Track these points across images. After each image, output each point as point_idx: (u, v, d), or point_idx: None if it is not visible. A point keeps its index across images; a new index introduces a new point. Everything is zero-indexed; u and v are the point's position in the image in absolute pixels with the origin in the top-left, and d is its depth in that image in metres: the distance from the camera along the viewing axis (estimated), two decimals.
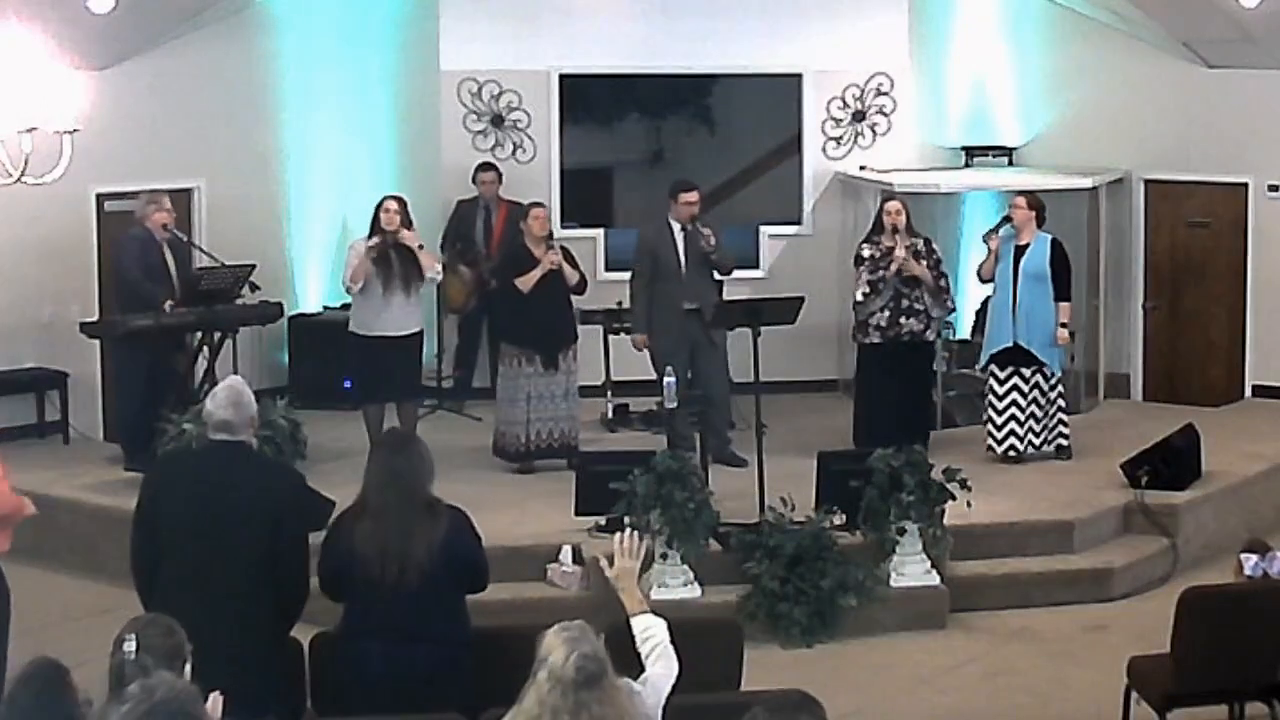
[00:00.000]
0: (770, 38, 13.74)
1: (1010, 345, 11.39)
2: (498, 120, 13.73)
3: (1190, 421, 11.31)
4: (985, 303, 13.36)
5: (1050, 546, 10.16)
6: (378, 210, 11.22)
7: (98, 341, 11.95)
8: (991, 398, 11.51)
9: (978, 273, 11.81)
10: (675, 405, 10.46)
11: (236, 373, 10.45)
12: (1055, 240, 11.51)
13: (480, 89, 13.71)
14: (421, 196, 13.18)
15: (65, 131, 6.88)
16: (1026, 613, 9.75)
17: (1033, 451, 11.42)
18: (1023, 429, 11.41)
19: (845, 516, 9.70)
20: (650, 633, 5.24)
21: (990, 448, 11.46)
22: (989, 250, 11.54)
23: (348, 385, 11.81)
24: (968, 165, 13.98)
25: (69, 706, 4.51)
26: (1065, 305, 11.43)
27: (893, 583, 9.56)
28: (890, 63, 13.94)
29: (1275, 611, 7.29)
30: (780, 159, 14.06)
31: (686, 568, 9.37)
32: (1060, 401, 11.55)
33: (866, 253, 11.53)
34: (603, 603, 9.08)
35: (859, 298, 11.48)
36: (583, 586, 9.55)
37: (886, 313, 11.42)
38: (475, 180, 13.21)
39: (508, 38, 13.65)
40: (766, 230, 13.93)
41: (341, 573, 6.40)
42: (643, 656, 5.21)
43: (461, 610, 6.50)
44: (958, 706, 8.53)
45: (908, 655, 9.19)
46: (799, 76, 13.89)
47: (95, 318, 11.99)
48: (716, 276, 11.69)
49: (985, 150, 13.99)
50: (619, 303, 12.46)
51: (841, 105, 13.96)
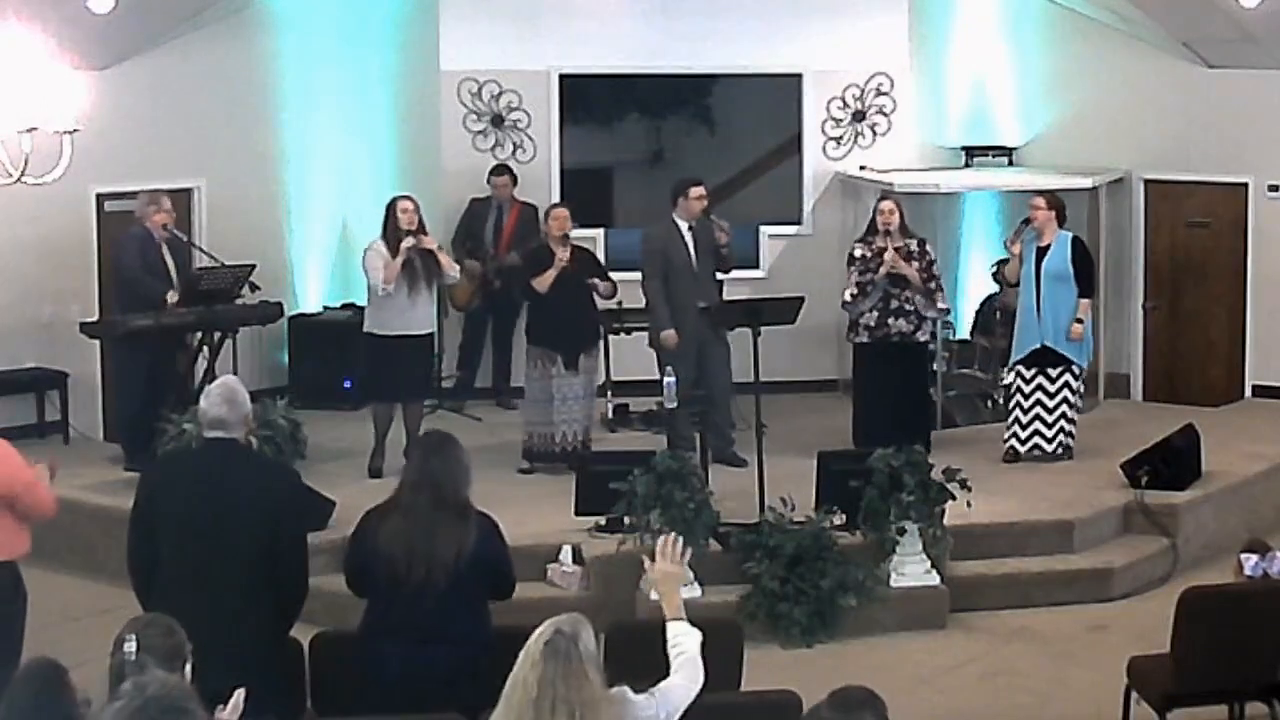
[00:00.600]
0: (770, 38, 13.74)
1: (1039, 347, 11.37)
2: (498, 120, 13.73)
3: (1190, 421, 11.31)
4: (985, 303, 13.41)
5: (1050, 546, 10.16)
6: (392, 211, 11.17)
7: (98, 341, 11.94)
8: (1019, 397, 11.46)
9: (996, 276, 11.77)
10: (675, 405, 10.46)
11: (236, 373, 10.48)
12: (1076, 238, 11.51)
13: (480, 89, 13.71)
14: (422, 197, 13.10)
15: (65, 131, 6.88)
16: (1026, 613, 9.75)
17: (1061, 451, 11.40)
18: (1049, 430, 11.39)
19: (845, 516, 9.70)
20: (680, 641, 5.20)
21: (1012, 448, 11.43)
22: (1012, 255, 11.50)
23: (348, 385, 11.81)
24: (968, 165, 13.97)
25: (67, 706, 4.51)
26: (1085, 302, 11.38)
27: (893, 583, 9.56)
28: (890, 63, 13.94)
29: (1275, 611, 7.29)
30: (780, 159, 14.06)
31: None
32: (1080, 401, 11.52)
33: (859, 252, 11.54)
34: (603, 603, 9.11)
35: (846, 298, 11.49)
36: (583, 586, 9.55)
37: (875, 313, 11.42)
38: (489, 182, 13.21)
39: (508, 38, 13.65)
40: (766, 230, 13.93)
41: (366, 570, 6.43)
42: (670, 663, 5.20)
43: (484, 612, 6.52)
44: (958, 706, 8.53)
45: (908, 655, 9.19)
46: (799, 76, 13.89)
47: (95, 318, 11.98)
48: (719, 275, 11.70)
49: (985, 150, 13.99)
50: (619, 302, 12.46)
51: (841, 105, 13.96)
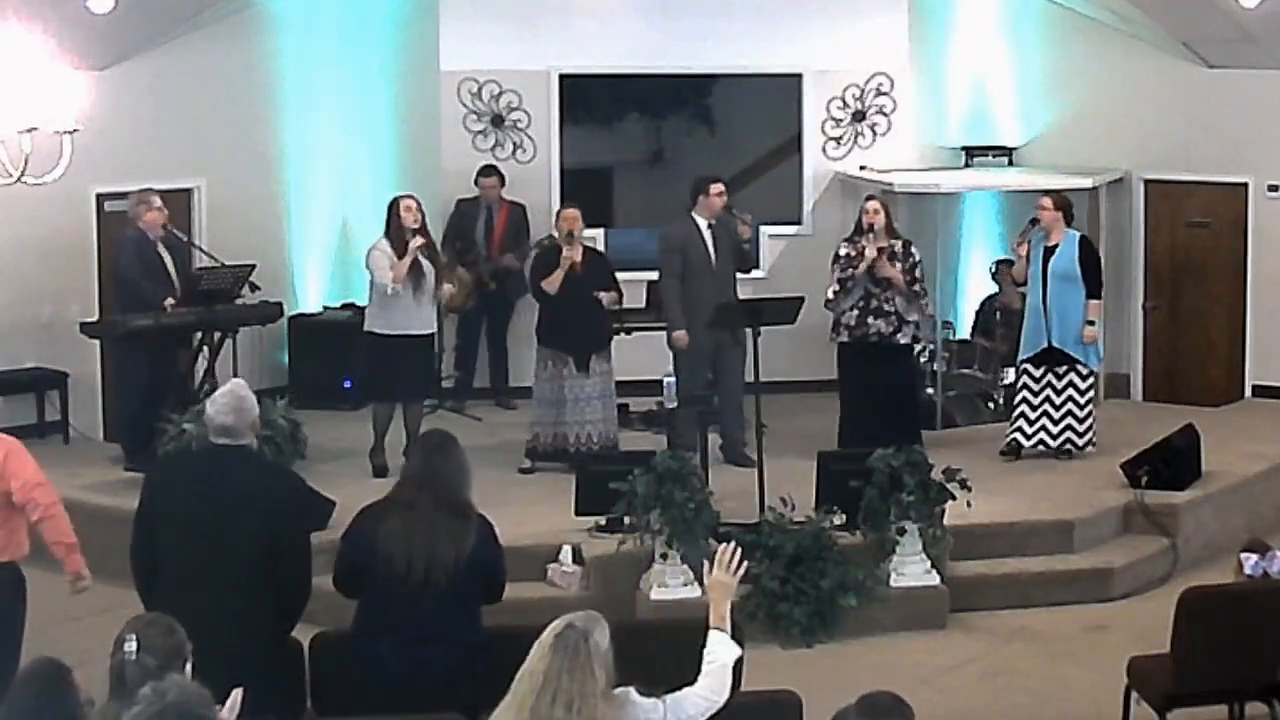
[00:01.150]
0: (770, 38, 13.73)
1: (1045, 347, 11.37)
2: (498, 120, 13.73)
3: (1190, 421, 11.31)
4: (985, 303, 13.41)
5: (1050, 546, 10.16)
6: (395, 210, 11.16)
7: (98, 341, 11.95)
8: (1026, 394, 11.46)
9: (995, 276, 11.77)
10: (675, 405, 10.45)
11: (236, 373, 10.49)
12: (1084, 237, 11.53)
13: (480, 89, 13.71)
14: (422, 196, 13.09)
15: (65, 131, 6.88)
16: (1026, 613, 9.75)
17: (1070, 448, 11.41)
18: (1057, 428, 11.40)
19: (845, 516, 9.70)
20: (714, 650, 5.19)
21: (1015, 441, 11.43)
22: (1019, 256, 11.50)
23: (348, 385, 11.81)
24: (968, 165, 13.97)
25: (70, 706, 4.52)
26: (1095, 303, 11.38)
27: (893, 583, 9.56)
28: (890, 63, 13.94)
29: (1275, 611, 7.29)
30: (780, 159, 14.06)
31: (686, 568, 9.37)
32: (1091, 406, 11.50)
33: (843, 251, 11.54)
34: (603, 603, 9.09)
35: (829, 295, 11.49)
36: (583, 586, 9.55)
37: (855, 312, 11.41)
38: (477, 183, 13.20)
39: (508, 38, 13.65)
40: (766, 230, 13.90)
41: (361, 569, 6.40)
42: (701, 668, 5.19)
43: (478, 614, 6.50)
44: (958, 706, 8.53)
45: (908, 655, 9.19)
46: (799, 76, 13.88)
47: (95, 318, 11.98)
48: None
49: (985, 150, 13.99)
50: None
51: (841, 105, 13.95)
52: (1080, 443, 11.46)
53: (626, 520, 9.38)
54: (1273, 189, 13.05)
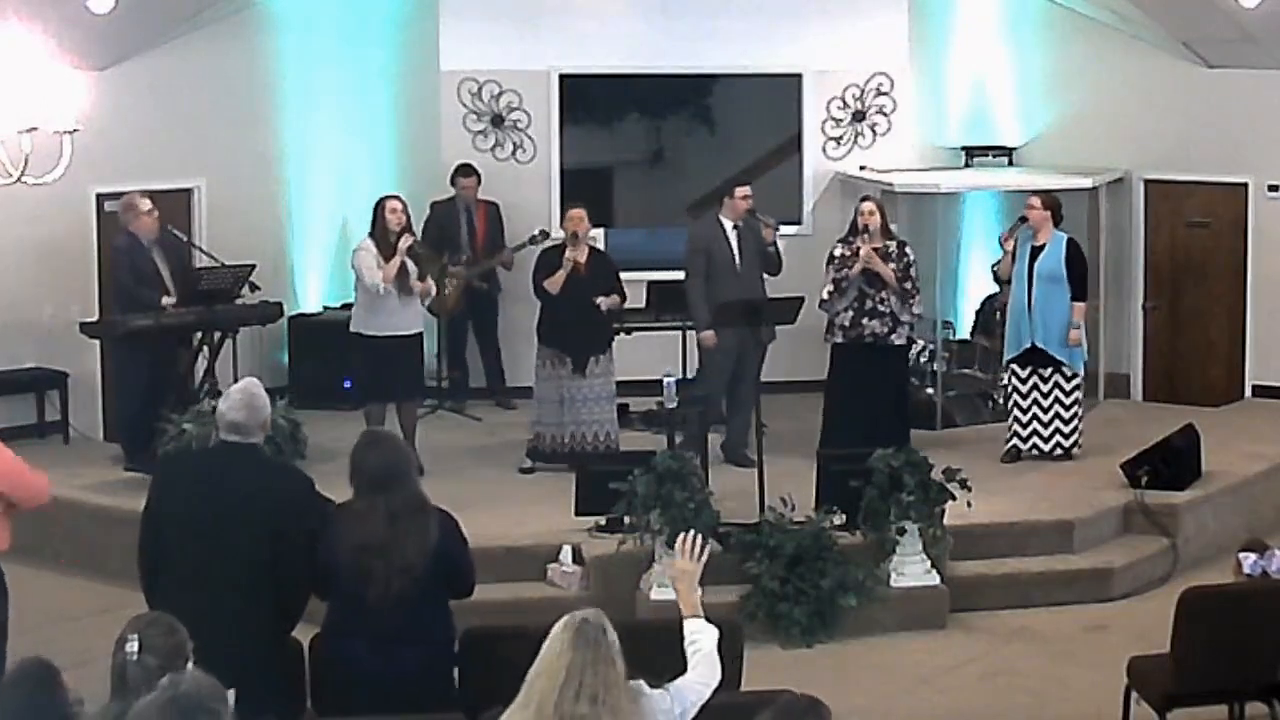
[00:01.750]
0: (770, 38, 13.73)
1: (1029, 347, 11.37)
2: (498, 120, 13.73)
3: (1190, 421, 11.31)
4: (985, 303, 13.40)
5: (1050, 546, 10.16)
6: (381, 210, 11.18)
7: (98, 341, 11.95)
8: (1016, 397, 11.47)
9: (993, 274, 11.76)
10: (675, 405, 10.46)
11: (236, 372, 10.49)
12: (1071, 239, 11.51)
13: (480, 89, 13.71)
14: (422, 197, 13.18)
15: (65, 131, 6.88)
16: (1026, 613, 9.75)
17: (1060, 451, 11.41)
18: (1047, 430, 11.40)
19: (845, 516, 9.70)
20: (696, 638, 5.22)
21: (1015, 446, 11.44)
22: (1005, 251, 11.50)
23: (348, 385, 11.81)
24: (968, 165, 13.97)
25: (61, 706, 4.51)
26: (1080, 305, 11.39)
27: (893, 583, 9.56)
28: (890, 63, 13.94)
29: (1275, 611, 7.29)
30: (780, 159, 14.05)
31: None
32: (1078, 408, 11.50)
33: (838, 252, 11.53)
34: (603, 603, 9.10)
35: (824, 296, 11.47)
36: (583, 586, 9.55)
37: (850, 313, 11.39)
38: (455, 184, 13.18)
39: (508, 38, 13.65)
40: None
41: (329, 571, 6.38)
42: (687, 660, 5.21)
43: (445, 611, 6.47)
44: (958, 706, 8.53)
45: (908, 655, 9.19)
46: (799, 76, 13.88)
47: (95, 318, 11.98)
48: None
49: (985, 150, 13.99)
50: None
51: (841, 105, 13.96)
52: (1067, 444, 11.46)
53: (626, 520, 9.38)
54: (1273, 189, 13.05)
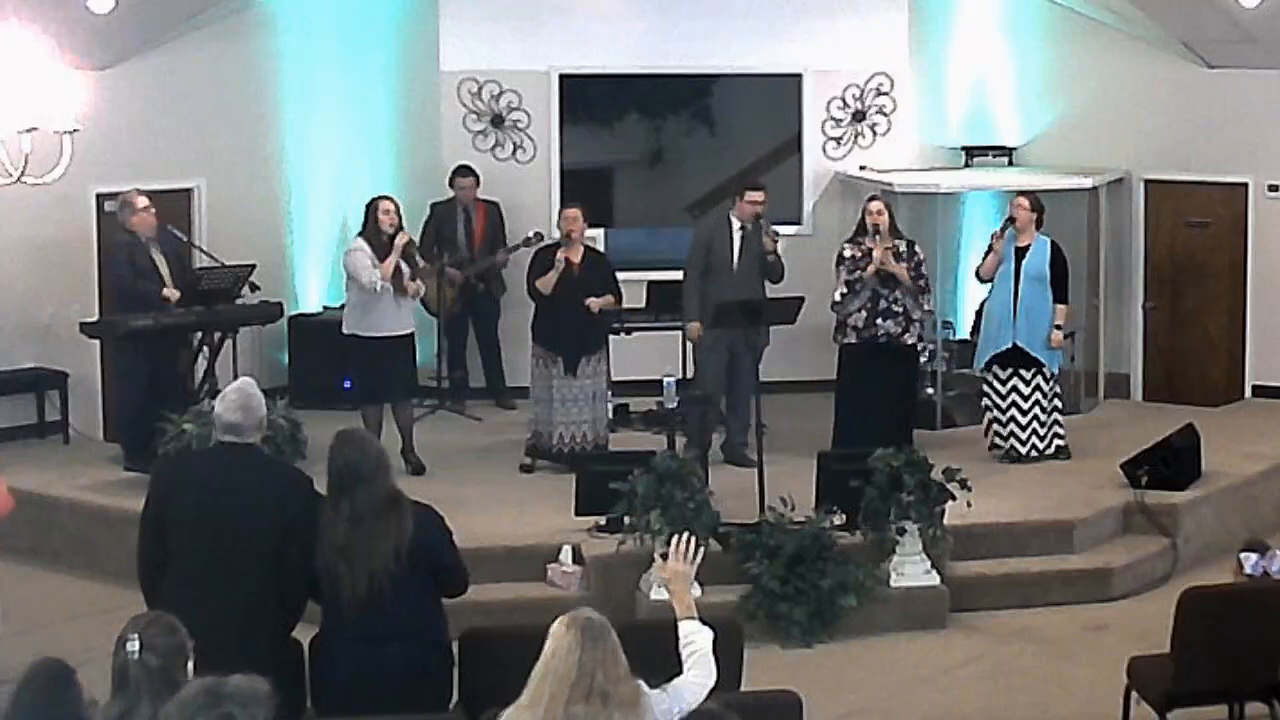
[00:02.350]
0: (770, 38, 13.73)
1: (1010, 347, 11.39)
2: (498, 120, 13.73)
3: (1190, 421, 11.31)
4: (985, 303, 13.38)
5: (1050, 546, 10.16)
6: (374, 211, 11.19)
7: (98, 341, 11.94)
8: (994, 398, 11.50)
9: (977, 273, 11.77)
10: (675, 404, 10.46)
11: (236, 373, 10.48)
12: (1054, 243, 11.54)
13: (480, 89, 13.71)
14: (422, 196, 13.20)
15: (65, 131, 6.88)
16: (1026, 613, 9.75)
17: (1035, 454, 11.43)
18: (1024, 431, 11.42)
19: (845, 516, 9.70)
20: (692, 639, 5.23)
21: (995, 445, 11.46)
22: (994, 251, 11.50)
23: (348, 385, 11.81)
24: (968, 165, 13.97)
25: (75, 706, 4.51)
26: (1062, 308, 11.46)
27: (893, 583, 9.56)
28: (890, 63, 13.93)
29: (1275, 611, 7.29)
30: (780, 159, 14.05)
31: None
32: (1058, 402, 11.56)
33: (848, 253, 11.53)
34: (603, 603, 9.10)
35: (836, 298, 11.48)
36: (583, 586, 9.55)
37: (863, 313, 11.40)
38: (454, 185, 13.18)
39: (508, 38, 13.65)
40: None
41: (313, 574, 6.38)
42: (683, 661, 5.21)
43: (434, 609, 6.45)
44: (958, 706, 8.53)
45: (908, 655, 9.19)
46: (799, 76, 13.88)
47: (95, 318, 11.97)
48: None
49: (985, 150, 13.99)
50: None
51: (841, 105, 13.95)
52: (1042, 446, 11.47)
53: (626, 520, 9.38)
54: (1273, 189, 13.06)
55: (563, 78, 13.71)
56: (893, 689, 8.77)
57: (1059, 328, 11.42)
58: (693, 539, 5.48)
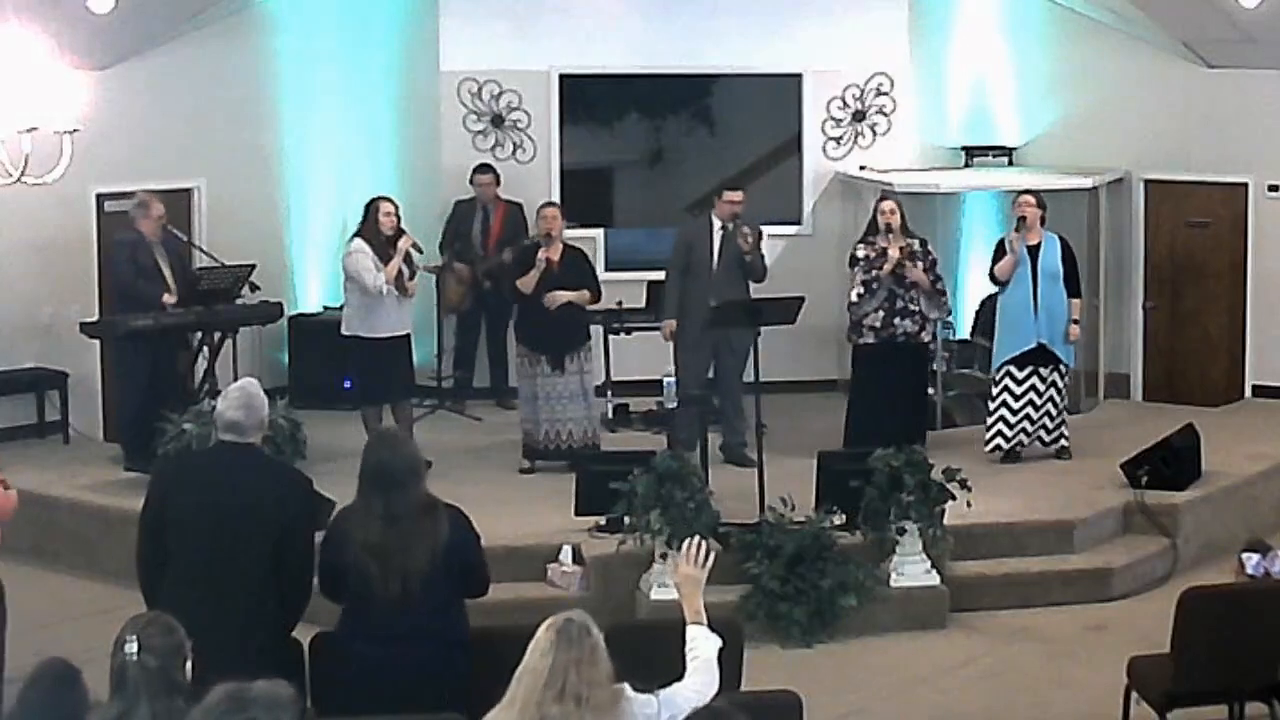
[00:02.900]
0: (770, 38, 13.73)
1: (1034, 346, 11.37)
2: (498, 120, 13.73)
3: (1190, 421, 11.31)
4: (985, 303, 13.38)
5: (1050, 546, 10.16)
6: (375, 212, 11.20)
7: (98, 341, 11.94)
8: (1007, 397, 11.44)
9: (991, 275, 11.68)
10: (675, 405, 10.45)
11: (236, 373, 10.49)
12: (1063, 238, 11.54)
13: (480, 89, 13.71)
14: (421, 196, 13.20)
15: (65, 131, 6.90)
16: (1026, 613, 9.75)
17: (1040, 447, 11.43)
18: (1034, 427, 11.43)
19: (845, 516, 9.70)
20: (696, 645, 5.21)
21: (998, 446, 11.44)
22: (1012, 253, 11.42)
23: (348, 385, 11.82)
24: (968, 165, 13.97)
25: (76, 706, 4.52)
26: (1077, 302, 11.46)
27: (893, 583, 9.56)
28: (890, 63, 13.94)
29: (1275, 611, 7.29)
30: (780, 159, 14.06)
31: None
32: (1066, 400, 11.57)
33: (861, 253, 11.53)
34: (603, 603, 9.11)
35: (853, 298, 11.48)
36: (583, 586, 9.55)
37: (881, 313, 11.41)
38: (473, 182, 13.20)
39: (508, 38, 13.66)
40: (766, 230, 13.86)
41: (339, 576, 6.38)
42: (685, 666, 5.20)
43: (458, 609, 6.46)
44: (958, 706, 8.53)
45: (908, 655, 9.19)
46: (799, 76, 13.88)
47: (95, 318, 11.98)
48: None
49: (985, 150, 13.99)
50: (619, 303, 12.47)
51: (841, 105, 13.96)
52: (1048, 440, 11.49)
53: (626, 520, 9.38)
54: (1273, 189, 13.06)
55: (563, 78, 13.72)
56: (893, 689, 8.77)
57: (1076, 322, 11.41)
58: (704, 543, 5.45)
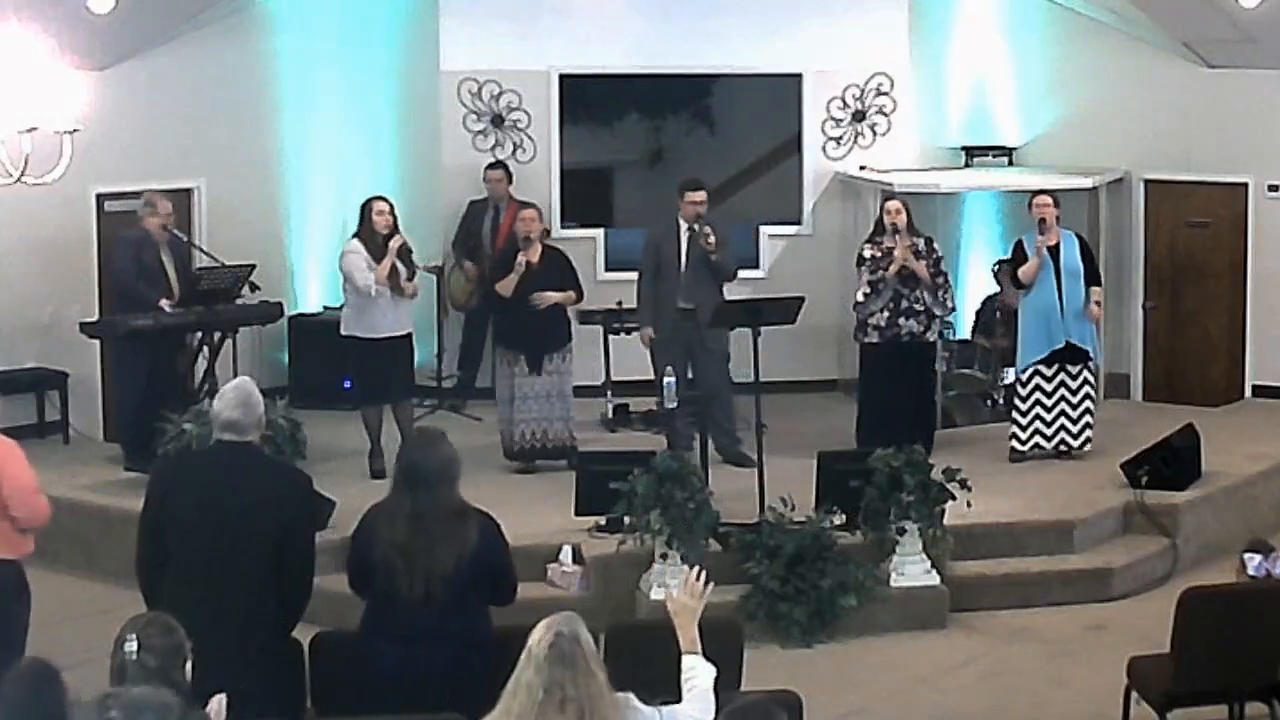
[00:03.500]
0: (770, 38, 13.73)
1: (1063, 345, 11.36)
2: (498, 120, 13.73)
3: (1190, 421, 11.31)
4: (985, 303, 13.40)
5: (1050, 546, 10.16)
6: (369, 212, 11.19)
7: (98, 341, 11.94)
8: (1039, 396, 11.43)
9: (1015, 279, 11.64)
10: (675, 405, 10.44)
11: (236, 373, 10.48)
12: (1079, 235, 11.62)
13: (480, 89, 13.71)
14: (421, 196, 13.21)
15: (65, 131, 6.89)
16: (1026, 613, 9.75)
17: (1088, 445, 11.44)
18: (1076, 425, 11.42)
19: (845, 516, 9.70)
20: (693, 674, 5.20)
21: (1037, 445, 11.40)
22: (1037, 256, 11.33)
23: (348, 385, 11.82)
24: (968, 165, 13.97)
25: (54, 706, 4.51)
26: (1097, 288, 11.50)
27: (893, 583, 9.56)
28: (890, 63, 13.94)
29: (1275, 611, 7.29)
30: (780, 159, 14.06)
31: (686, 568, 9.34)
32: (1099, 395, 11.59)
33: (868, 253, 11.52)
34: (603, 603, 9.11)
35: (859, 298, 11.47)
36: (582, 587, 9.55)
37: (885, 313, 11.41)
38: (485, 178, 13.21)
39: (508, 38, 13.66)
40: (766, 230, 13.93)
41: (366, 573, 6.39)
42: (682, 693, 5.19)
43: (483, 612, 6.48)
44: (958, 706, 8.53)
45: (908, 655, 9.19)
46: (799, 76, 13.88)
47: (95, 318, 11.98)
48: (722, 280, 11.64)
49: (985, 150, 13.99)
50: (619, 302, 12.47)
51: (841, 105, 13.96)
52: (1090, 437, 11.50)
53: (626, 520, 9.38)
54: (1273, 189, 13.06)
55: (563, 78, 13.72)
56: (893, 689, 8.77)
57: (1098, 304, 11.44)
58: (704, 573, 5.43)
